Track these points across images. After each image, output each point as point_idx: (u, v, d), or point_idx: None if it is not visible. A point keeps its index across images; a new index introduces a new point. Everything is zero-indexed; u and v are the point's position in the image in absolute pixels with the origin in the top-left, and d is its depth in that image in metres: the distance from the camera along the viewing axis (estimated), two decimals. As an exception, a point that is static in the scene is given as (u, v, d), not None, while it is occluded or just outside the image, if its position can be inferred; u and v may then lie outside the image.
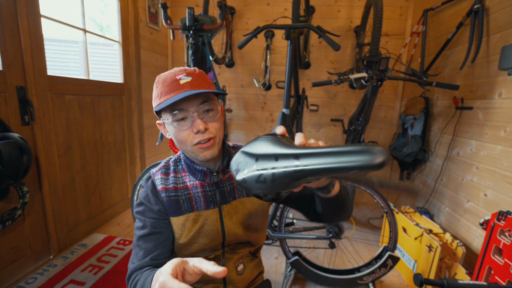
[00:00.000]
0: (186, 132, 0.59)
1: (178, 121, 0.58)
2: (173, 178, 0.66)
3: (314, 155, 0.37)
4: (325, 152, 0.36)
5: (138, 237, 0.62)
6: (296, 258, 1.43)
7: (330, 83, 1.57)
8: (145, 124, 2.41)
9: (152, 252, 0.61)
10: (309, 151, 0.38)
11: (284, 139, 0.45)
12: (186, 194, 0.65)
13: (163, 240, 0.63)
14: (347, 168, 0.34)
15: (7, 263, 1.36)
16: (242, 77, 2.70)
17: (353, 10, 2.43)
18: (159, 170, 0.68)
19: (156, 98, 0.61)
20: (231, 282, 0.71)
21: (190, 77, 0.59)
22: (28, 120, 1.42)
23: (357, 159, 0.33)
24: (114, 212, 2.17)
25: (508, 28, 1.31)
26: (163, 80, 0.60)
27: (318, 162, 0.36)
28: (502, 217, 0.97)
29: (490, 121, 1.41)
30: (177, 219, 0.64)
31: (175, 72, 0.60)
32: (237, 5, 2.57)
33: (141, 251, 0.61)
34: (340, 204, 0.58)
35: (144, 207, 0.64)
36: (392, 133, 2.55)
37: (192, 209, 0.65)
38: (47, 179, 1.54)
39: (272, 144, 0.44)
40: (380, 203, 1.39)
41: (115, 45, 2.13)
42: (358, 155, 0.33)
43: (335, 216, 0.63)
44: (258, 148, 0.46)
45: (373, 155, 0.32)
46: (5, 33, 1.29)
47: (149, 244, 0.62)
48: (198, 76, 0.61)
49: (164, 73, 0.62)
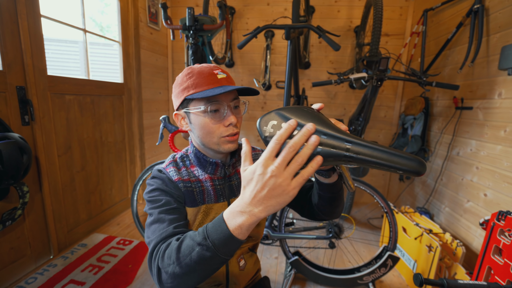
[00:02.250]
0: (216, 124, 0.61)
1: (213, 112, 0.61)
2: (185, 171, 0.67)
3: (366, 146, 0.41)
4: (377, 148, 0.40)
5: (160, 211, 0.58)
6: (296, 258, 1.43)
7: (330, 83, 1.58)
8: (145, 124, 2.41)
9: (178, 221, 0.58)
10: (362, 142, 0.41)
11: (327, 119, 0.46)
12: (199, 186, 0.66)
13: (185, 216, 0.63)
14: (394, 167, 0.39)
15: (7, 263, 1.36)
16: (242, 77, 2.70)
17: (353, 10, 2.43)
18: (170, 164, 0.67)
19: (188, 88, 0.61)
20: (234, 278, 0.71)
21: (225, 74, 0.63)
22: (28, 120, 1.42)
23: (407, 163, 0.38)
24: (114, 212, 2.17)
25: (508, 28, 1.31)
26: (199, 72, 0.61)
27: (371, 154, 0.40)
28: (502, 217, 0.97)
29: (490, 121, 1.41)
30: (191, 210, 0.65)
31: (210, 67, 0.63)
32: (237, 5, 2.57)
33: (164, 223, 0.56)
34: (336, 193, 0.61)
35: (161, 192, 0.62)
36: (392, 133, 2.55)
37: (204, 201, 0.66)
38: (47, 179, 1.54)
39: (318, 119, 0.44)
40: (380, 203, 1.39)
41: (115, 45, 2.13)
42: (408, 161, 0.39)
43: (329, 207, 0.64)
44: (300, 117, 0.45)
45: (420, 165, 0.38)
46: (5, 33, 1.29)
47: (174, 215, 0.59)
48: (229, 75, 0.66)
49: (197, 66, 0.64)
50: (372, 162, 0.40)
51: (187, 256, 0.47)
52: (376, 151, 0.40)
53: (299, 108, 0.47)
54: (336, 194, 0.61)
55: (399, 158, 0.39)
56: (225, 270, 0.70)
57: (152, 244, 0.54)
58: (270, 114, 0.48)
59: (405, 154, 0.39)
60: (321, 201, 0.63)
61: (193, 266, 0.47)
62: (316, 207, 0.66)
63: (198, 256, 0.46)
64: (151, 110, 2.50)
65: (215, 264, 0.47)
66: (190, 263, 0.46)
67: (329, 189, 0.59)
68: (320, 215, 0.68)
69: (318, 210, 0.66)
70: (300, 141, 0.41)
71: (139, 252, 1.70)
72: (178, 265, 0.47)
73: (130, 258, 1.63)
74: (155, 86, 2.56)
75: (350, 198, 2.07)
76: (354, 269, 1.44)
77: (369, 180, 2.66)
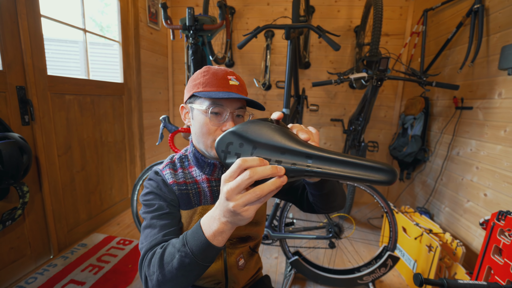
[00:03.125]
0: (214, 126, 0.62)
1: (213, 114, 0.61)
2: (182, 173, 0.67)
3: (329, 160, 0.38)
4: (340, 160, 0.37)
5: (152, 217, 0.60)
6: (296, 258, 1.43)
7: (330, 83, 1.58)
8: (145, 124, 2.41)
9: (168, 228, 0.59)
10: (324, 155, 0.38)
11: (287, 130, 0.44)
12: (195, 188, 0.67)
13: (178, 221, 0.63)
14: (359, 179, 0.36)
15: (7, 263, 1.36)
16: (242, 77, 2.69)
17: (353, 10, 2.43)
18: (166, 166, 0.68)
19: (199, 84, 0.63)
20: (233, 277, 0.72)
21: (238, 82, 0.64)
22: (28, 120, 1.42)
23: (374, 175, 0.35)
24: (114, 212, 2.17)
25: (508, 28, 1.31)
26: (214, 73, 0.63)
27: (333, 168, 0.37)
28: (502, 217, 0.97)
29: (490, 121, 1.41)
30: (186, 212, 0.65)
31: (226, 71, 0.64)
32: (237, 5, 2.57)
33: (156, 229, 0.59)
34: (328, 190, 0.59)
35: (155, 195, 0.64)
36: (392, 133, 2.55)
37: (200, 202, 0.67)
38: (47, 179, 1.54)
39: (276, 133, 0.42)
40: (380, 203, 1.39)
41: (115, 45, 2.13)
42: (376, 172, 0.35)
43: (325, 203, 0.63)
44: (256, 134, 0.42)
45: (387, 174, 0.35)
46: (5, 33, 1.29)
47: (165, 221, 0.60)
48: (243, 84, 0.66)
49: (214, 67, 0.65)
50: (336, 175, 0.37)
51: (169, 263, 0.48)
52: (339, 164, 0.37)
53: (255, 123, 0.44)
54: (328, 190, 0.59)
55: (365, 170, 0.36)
56: (224, 269, 0.70)
57: (142, 252, 0.56)
58: (225, 135, 0.45)
59: (374, 163, 0.36)
60: (316, 198, 0.63)
61: (174, 273, 0.48)
62: (314, 204, 0.66)
63: (178, 263, 0.47)
64: (151, 110, 2.50)
65: (195, 270, 0.48)
66: (172, 270, 0.48)
67: (318, 188, 0.58)
68: (320, 211, 0.68)
69: (316, 207, 0.67)
70: (260, 175, 0.38)
71: (139, 252, 1.70)
72: (161, 273, 0.49)
73: (130, 258, 1.63)
74: (155, 86, 2.56)
75: (350, 198, 2.07)
76: (354, 269, 1.44)
77: (369, 180, 2.66)
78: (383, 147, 2.58)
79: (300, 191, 0.72)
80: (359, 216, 2.37)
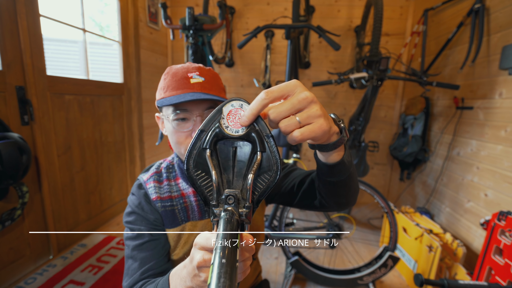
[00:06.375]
0: (184, 134, 0.55)
1: (178, 120, 0.55)
2: (167, 187, 0.62)
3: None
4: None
5: (133, 248, 0.56)
6: (296, 258, 1.43)
7: (330, 83, 1.57)
8: (145, 124, 2.40)
9: (148, 263, 0.55)
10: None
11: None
12: (182, 203, 0.62)
13: (160, 248, 0.58)
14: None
15: (7, 263, 1.36)
16: (242, 77, 2.70)
17: (353, 10, 2.43)
18: (151, 178, 0.63)
19: (161, 90, 0.57)
20: None
21: (202, 78, 0.55)
22: (27, 120, 1.41)
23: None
24: (114, 212, 2.17)
25: (509, 27, 1.31)
26: (174, 73, 0.56)
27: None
28: (503, 217, 0.97)
29: (491, 121, 1.41)
30: (172, 230, 0.60)
31: (188, 69, 0.57)
32: (237, 5, 2.56)
33: (136, 262, 0.55)
34: (347, 177, 0.48)
35: (137, 216, 0.59)
36: (392, 133, 2.55)
37: (188, 218, 0.62)
38: (46, 179, 1.54)
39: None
40: (380, 203, 1.39)
41: (115, 45, 2.13)
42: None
43: (337, 196, 0.53)
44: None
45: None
46: (5, 32, 1.29)
47: (145, 253, 0.56)
48: (211, 78, 0.57)
49: (176, 66, 0.58)
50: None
51: None
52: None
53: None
54: (345, 177, 0.47)
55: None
56: None
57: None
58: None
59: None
60: (328, 187, 0.51)
61: None
62: (322, 195, 0.55)
63: None
64: (151, 110, 2.50)
65: None
66: None
67: (333, 173, 0.46)
68: (326, 205, 0.56)
69: (323, 200, 0.56)
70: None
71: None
72: None
73: (130, 258, 1.62)
74: (155, 86, 2.55)
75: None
76: (354, 269, 1.44)
77: (369, 180, 2.66)
78: (383, 147, 2.57)
79: (295, 188, 0.63)
80: (360, 216, 2.37)
